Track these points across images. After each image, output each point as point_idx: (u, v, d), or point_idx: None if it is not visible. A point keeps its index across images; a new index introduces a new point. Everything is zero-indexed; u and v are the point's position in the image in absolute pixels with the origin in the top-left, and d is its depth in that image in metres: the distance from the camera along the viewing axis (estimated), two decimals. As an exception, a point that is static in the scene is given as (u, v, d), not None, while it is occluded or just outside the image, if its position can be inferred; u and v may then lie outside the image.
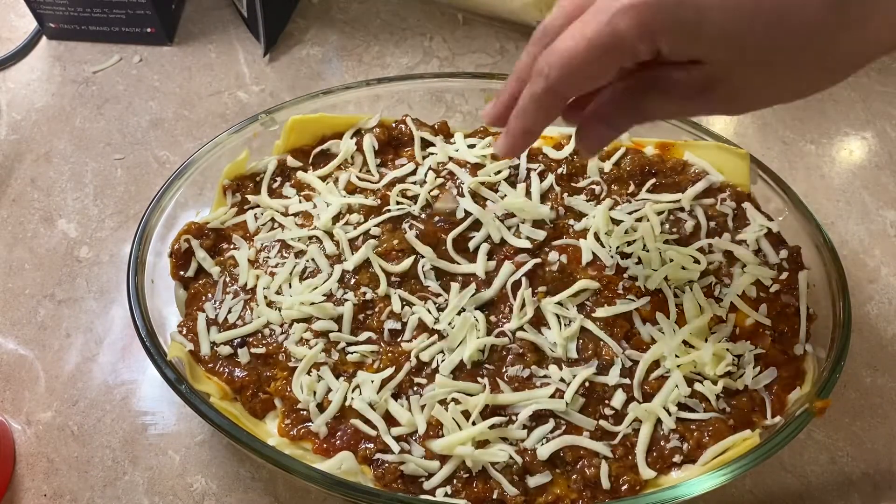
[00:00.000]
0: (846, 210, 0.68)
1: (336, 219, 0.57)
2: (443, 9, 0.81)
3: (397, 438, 0.48)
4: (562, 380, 0.50)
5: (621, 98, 0.35)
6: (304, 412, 0.50)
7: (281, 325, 0.53)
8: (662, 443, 0.48)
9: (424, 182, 0.59)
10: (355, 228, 0.57)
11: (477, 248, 0.56)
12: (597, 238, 0.56)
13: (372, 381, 0.50)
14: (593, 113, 0.37)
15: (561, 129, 0.62)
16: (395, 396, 0.50)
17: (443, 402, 0.49)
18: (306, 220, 0.58)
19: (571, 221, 0.57)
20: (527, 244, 0.55)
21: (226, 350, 0.52)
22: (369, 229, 0.56)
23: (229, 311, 0.54)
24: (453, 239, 0.56)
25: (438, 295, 0.54)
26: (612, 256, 0.55)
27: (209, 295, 0.55)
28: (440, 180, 0.59)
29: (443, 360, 0.51)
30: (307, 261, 0.55)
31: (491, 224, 0.56)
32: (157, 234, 0.56)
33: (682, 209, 0.58)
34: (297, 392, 0.50)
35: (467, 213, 0.57)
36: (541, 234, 0.56)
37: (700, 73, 0.31)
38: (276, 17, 0.78)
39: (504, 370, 0.51)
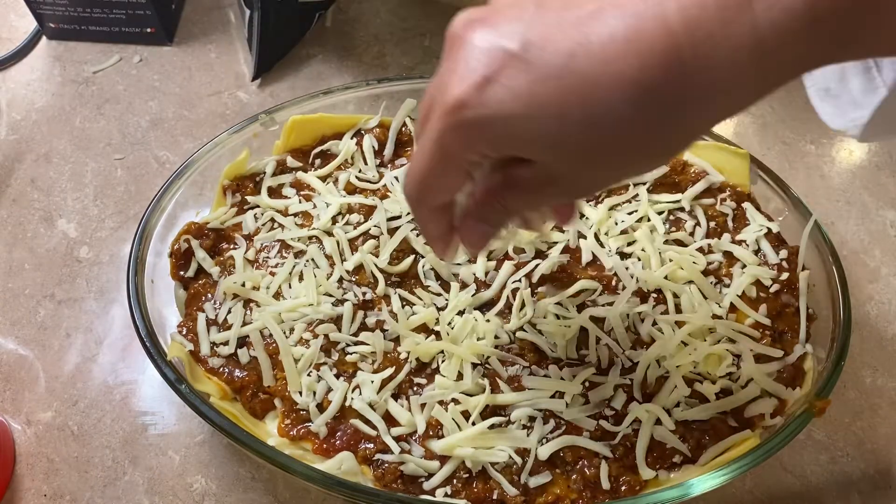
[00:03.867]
0: (846, 210, 0.68)
1: (336, 219, 0.57)
2: (443, 9, 0.81)
3: (397, 438, 0.48)
4: (562, 379, 0.50)
5: (488, 196, 0.37)
6: (304, 412, 0.50)
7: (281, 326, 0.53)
8: (662, 443, 0.48)
9: (424, 182, 0.59)
10: (355, 228, 0.57)
11: (477, 248, 0.56)
12: (597, 238, 0.56)
13: (372, 382, 0.50)
14: (469, 212, 0.38)
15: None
16: (395, 396, 0.50)
17: (442, 403, 0.49)
18: (306, 220, 0.58)
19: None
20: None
21: (226, 350, 0.52)
22: (369, 229, 0.56)
23: (229, 312, 0.54)
24: (453, 239, 0.56)
25: (438, 295, 0.54)
26: (611, 256, 0.55)
27: (209, 295, 0.55)
28: (440, 180, 0.59)
29: (443, 361, 0.51)
30: (307, 261, 0.55)
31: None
32: (157, 234, 0.56)
33: (682, 209, 0.58)
34: (294, 395, 0.50)
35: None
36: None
37: (539, 170, 0.33)
38: (275, 47, 0.76)
39: (504, 370, 0.51)
